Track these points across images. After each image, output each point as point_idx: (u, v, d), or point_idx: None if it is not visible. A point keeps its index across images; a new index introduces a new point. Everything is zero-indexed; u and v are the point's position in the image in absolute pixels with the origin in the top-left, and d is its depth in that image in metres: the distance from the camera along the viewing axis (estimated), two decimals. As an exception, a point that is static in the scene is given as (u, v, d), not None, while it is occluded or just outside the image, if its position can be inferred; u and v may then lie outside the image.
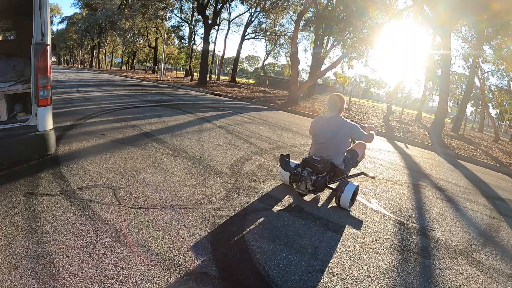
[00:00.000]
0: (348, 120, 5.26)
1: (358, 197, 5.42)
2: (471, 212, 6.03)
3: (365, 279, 3.19)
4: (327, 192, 5.43)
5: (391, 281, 3.23)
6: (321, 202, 5.02)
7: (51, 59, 4.43)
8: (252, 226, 3.81)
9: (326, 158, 4.96)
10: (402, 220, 4.88)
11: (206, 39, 32.58)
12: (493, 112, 43.57)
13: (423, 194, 6.58)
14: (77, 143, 6.08)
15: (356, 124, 5.26)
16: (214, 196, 4.47)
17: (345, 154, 5.27)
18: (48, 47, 4.09)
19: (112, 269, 2.69)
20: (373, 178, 5.48)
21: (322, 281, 3.02)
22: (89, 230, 3.20)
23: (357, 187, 4.96)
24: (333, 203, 5.02)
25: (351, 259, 3.49)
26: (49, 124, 4.25)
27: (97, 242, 3.02)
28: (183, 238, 3.29)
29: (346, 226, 4.28)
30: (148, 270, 2.74)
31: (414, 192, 6.58)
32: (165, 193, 4.32)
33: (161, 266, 2.81)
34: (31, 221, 3.22)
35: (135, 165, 5.24)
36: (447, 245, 4.32)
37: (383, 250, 3.83)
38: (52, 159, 5.05)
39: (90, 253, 2.84)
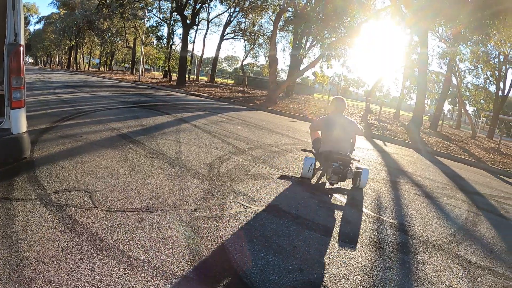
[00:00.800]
0: (349, 118, 6.56)
1: (336, 195, 5.57)
2: (450, 207, 6.13)
3: (344, 276, 3.20)
4: (306, 190, 5.44)
5: (371, 278, 3.25)
6: (299, 201, 5.02)
7: (25, 60, 4.34)
8: (230, 226, 3.78)
9: (344, 151, 5.96)
10: (381, 217, 4.92)
11: (184, 39, 32.43)
12: (470, 109, 44.47)
13: (401, 190, 6.66)
14: (53, 146, 5.96)
15: (354, 121, 6.49)
16: (191, 197, 4.43)
17: None
18: (22, 48, 3.98)
19: (88, 274, 2.63)
20: (358, 161, 6.52)
21: (301, 280, 3.00)
22: (65, 234, 3.13)
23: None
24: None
25: (329, 257, 3.49)
26: (23, 127, 4.14)
27: (73, 247, 2.95)
28: (159, 241, 3.25)
29: (324, 225, 4.28)
30: (125, 274, 2.69)
31: (393, 189, 6.65)
32: (142, 195, 4.26)
33: (137, 270, 2.77)
34: (6, 226, 3.14)
35: (111, 167, 5.16)
36: (426, 240, 4.37)
37: (362, 247, 3.84)
38: (27, 162, 4.92)
39: (66, 258, 2.78)
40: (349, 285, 3.08)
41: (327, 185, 6.00)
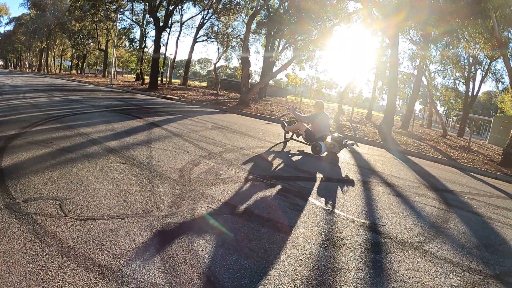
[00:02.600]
0: (327, 113, 10.29)
1: (308, 197, 5.62)
2: (421, 205, 6.26)
3: (316, 278, 3.24)
4: (278, 193, 5.50)
5: (343, 279, 3.30)
6: (270, 203, 5.05)
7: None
8: (201, 232, 3.77)
9: (328, 133, 10.03)
10: (353, 217, 4.99)
11: (157, 42, 32.14)
12: (440, 109, 45.42)
13: (373, 190, 6.77)
14: (22, 153, 5.83)
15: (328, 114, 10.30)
16: (162, 203, 4.40)
17: None
18: None
19: (59, 284, 2.60)
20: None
21: (273, 284, 3.04)
22: (35, 245, 3.08)
23: None
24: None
25: (301, 259, 3.53)
26: None
27: (43, 257, 2.91)
28: (131, 248, 3.23)
29: (296, 227, 4.32)
30: (96, 283, 2.67)
31: (364, 189, 6.75)
32: (112, 202, 4.21)
33: (109, 279, 2.75)
34: (-26, 238, 3.08)
35: (81, 174, 5.09)
36: (397, 239, 4.45)
37: (334, 248, 3.90)
38: (-5, 171, 4.83)
39: (36, 269, 2.74)
40: (321, 287, 3.12)
41: (324, 154, 9.56)
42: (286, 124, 11.00)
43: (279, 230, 4.15)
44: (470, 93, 30.21)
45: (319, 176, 7.19)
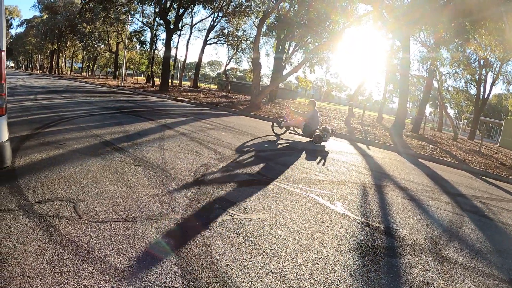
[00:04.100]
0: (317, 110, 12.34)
1: (322, 200, 5.55)
2: (434, 209, 6.19)
3: (333, 282, 3.20)
4: (291, 195, 5.45)
5: (360, 283, 3.26)
6: (285, 206, 5.01)
7: (7, 64, 4.18)
8: (217, 235, 3.74)
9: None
10: (367, 221, 4.94)
11: (168, 44, 32.27)
12: (451, 112, 45.14)
13: (386, 194, 6.70)
14: (35, 154, 5.84)
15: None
16: (177, 206, 4.37)
17: None
18: (3, 53, 3.82)
19: None
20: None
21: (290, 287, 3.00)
22: (50, 247, 3.06)
23: None
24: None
25: (318, 264, 3.48)
26: (4, 135, 3.99)
27: (58, 259, 2.89)
28: (147, 251, 3.20)
29: (312, 230, 4.27)
30: (113, 287, 2.64)
31: (378, 193, 6.68)
32: (127, 204, 4.18)
33: (126, 282, 2.72)
34: (-13, 240, 3.06)
35: (95, 176, 5.08)
36: (412, 243, 4.40)
37: (350, 252, 3.85)
38: (8, 171, 4.81)
39: (51, 272, 2.71)
40: (338, 291, 3.08)
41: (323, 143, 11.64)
42: (281, 122, 12.53)
43: (294, 234, 4.10)
44: (481, 96, 29.97)
45: (333, 179, 7.13)
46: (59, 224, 3.47)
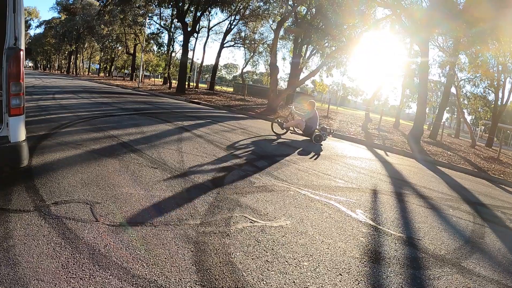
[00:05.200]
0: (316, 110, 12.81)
1: (343, 208, 5.43)
2: (456, 219, 6.05)
3: (357, 295, 3.08)
4: (312, 201, 5.33)
5: (384, 296, 3.14)
6: (306, 214, 4.89)
7: (25, 64, 4.17)
8: (237, 243, 3.63)
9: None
10: (389, 230, 4.81)
11: (185, 46, 32.42)
12: (468, 118, 44.55)
13: (407, 202, 6.55)
14: (51, 154, 5.82)
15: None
16: (196, 211, 4.28)
17: None
18: (22, 52, 3.82)
19: (91, 294, 2.50)
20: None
21: (313, 301, 2.88)
22: (65, 250, 2.99)
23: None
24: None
25: (341, 275, 3.37)
26: (22, 135, 3.98)
27: (73, 264, 2.81)
28: (165, 258, 3.10)
29: (334, 239, 4.15)
30: (130, 294, 2.56)
31: (398, 201, 6.53)
32: (145, 208, 4.11)
33: (143, 290, 2.63)
34: (2, 240, 3.00)
35: (112, 178, 5.03)
36: (435, 254, 4.29)
37: (373, 263, 3.73)
38: (25, 171, 4.80)
39: (66, 277, 2.64)
40: (363, 304, 2.97)
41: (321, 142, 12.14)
42: (282, 122, 12.89)
43: (316, 243, 3.98)
44: (499, 102, 29.50)
45: (353, 186, 7.01)
46: (76, 227, 3.41)
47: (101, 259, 2.95)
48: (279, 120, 13.07)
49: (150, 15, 42.99)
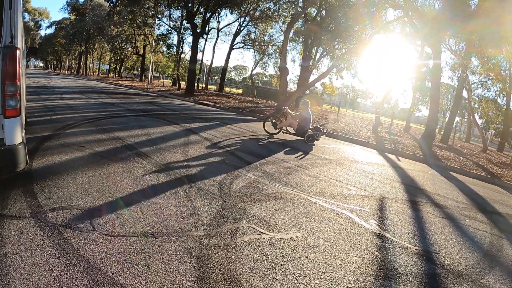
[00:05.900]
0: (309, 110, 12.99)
1: (356, 218, 5.18)
2: (472, 230, 5.82)
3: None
4: (324, 210, 5.07)
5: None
6: (318, 225, 4.63)
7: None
8: (244, 257, 3.39)
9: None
10: (405, 243, 4.56)
11: (194, 48, 32.32)
12: (478, 122, 44.12)
13: (422, 212, 6.29)
14: (53, 156, 5.66)
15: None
16: (201, 221, 4.04)
17: None
18: (18, 51, 3.66)
19: (83, 312, 2.29)
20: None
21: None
22: (59, 262, 2.80)
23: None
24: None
25: (355, 295, 3.11)
26: (18, 138, 3.79)
27: (66, 278, 2.63)
28: (165, 274, 2.88)
29: (347, 254, 3.90)
30: (125, 314, 2.33)
31: (413, 210, 6.27)
32: (146, 217, 3.89)
33: (139, 310, 2.40)
34: (-5, 249, 2.83)
35: (114, 182, 4.82)
36: (453, 270, 4.07)
37: (389, 281, 3.49)
38: (25, 173, 4.66)
39: (59, 292, 2.44)
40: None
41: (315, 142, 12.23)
42: (276, 122, 12.91)
43: (329, 257, 3.73)
44: (511, 106, 29.06)
45: (366, 194, 6.75)
46: (71, 237, 3.22)
47: (96, 273, 2.75)
48: (273, 120, 13.08)
49: (159, 16, 42.99)
